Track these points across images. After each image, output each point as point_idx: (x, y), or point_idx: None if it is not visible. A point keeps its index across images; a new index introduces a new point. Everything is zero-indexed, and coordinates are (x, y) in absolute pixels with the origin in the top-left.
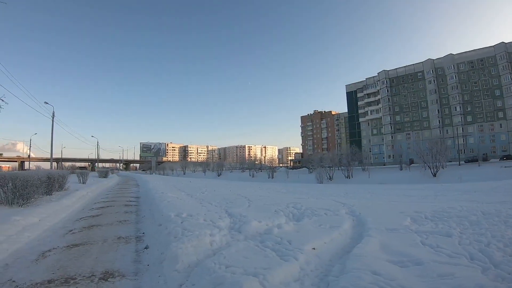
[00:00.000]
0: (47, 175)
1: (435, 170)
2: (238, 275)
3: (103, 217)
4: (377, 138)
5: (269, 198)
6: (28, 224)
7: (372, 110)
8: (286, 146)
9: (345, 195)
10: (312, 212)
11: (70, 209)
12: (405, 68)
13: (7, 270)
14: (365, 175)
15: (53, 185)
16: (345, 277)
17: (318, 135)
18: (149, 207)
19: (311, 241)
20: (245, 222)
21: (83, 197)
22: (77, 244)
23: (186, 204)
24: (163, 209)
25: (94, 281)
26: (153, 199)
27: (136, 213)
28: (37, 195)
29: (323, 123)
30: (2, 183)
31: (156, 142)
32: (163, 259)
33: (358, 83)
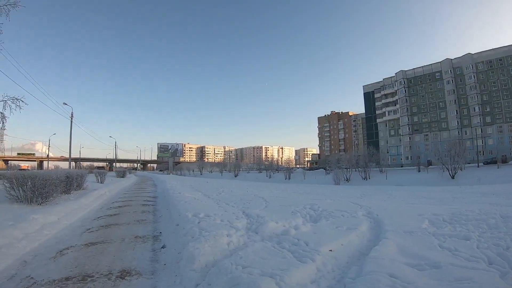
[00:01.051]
0: (66, 174)
1: (453, 172)
2: (255, 275)
3: (121, 216)
4: (395, 139)
5: (286, 199)
6: (46, 223)
7: (389, 111)
8: (303, 147)
9: (362, 196)
10: (329, 213)
11: (88, 208)
12: (423, 68)
13: (26, 267)
14: (383, 177)
15: (72, 185)
16: (362, 280)
17: (335, 136)
18: (166, 207)
19: (328, 242)
20: (262, 223)
21: (101, 196)
22: (95, 243)
23: (203, 204)
24: (181, 209)
25: (111, 279)
26: (171, 199)
27: (153, 212)
28: (55, 194)
29: (340, 124)
30: (22, 182)
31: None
32: (180, 259)
33: (375, 84)
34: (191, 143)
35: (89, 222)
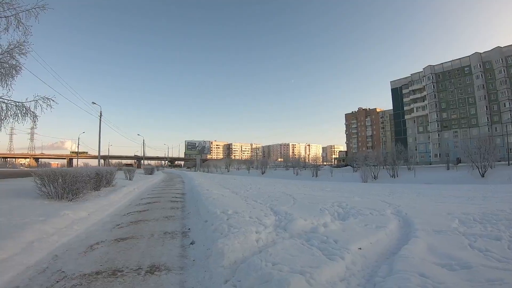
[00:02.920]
0: (96, 171)
1: (483, 170)
2: (285, 272)
3: (150, 213)
4: (423, 136)
5: (314, 196)
6: (77, 218)
7: (418, 107)
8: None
9: (391, 194)
10: (357, 211)
11: (118, 204)
12: (451, 62)
13: (57, 261)
14: (411, 175)
15: (101, 181)
16: (392, 279)
17: (362, 133)
18: (195, 203)
19: (357, 241)
20: (291, 220)
21: (130, 193)
22: (124, 238)
23: (232, 201)
24: (209, 206)
25: (141, 274)
26: (199, 195)
27: (181, 209)
28: (86, 190)
29: (368, 121)
30: (53, 179)
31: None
32: (209, 255)
33: (403, 79)
34: (218, 141)
35: (119, 218)
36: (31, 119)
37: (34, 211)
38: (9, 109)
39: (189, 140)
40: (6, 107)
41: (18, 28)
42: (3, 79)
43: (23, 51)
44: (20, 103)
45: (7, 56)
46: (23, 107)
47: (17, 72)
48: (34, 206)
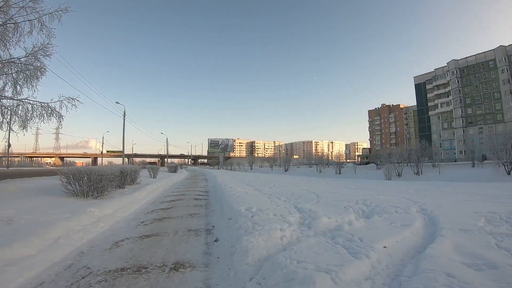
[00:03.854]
0: (120, 169)
1: (509, 167)
2: (310, 270)
3: (174, 210)
4: (448, 133)
5: (338, 194)
6: (102, 215)
7: (442, 103)
8: (353, 141)
9: (415, 192)
10: (382, 209)
11: (142, 202)
12: (475, 56)
13: (82, 257)
14: (435, 172)
15: (126, 179)
16: (418, 278)
17: (386, 130)
18: (219, 201)
19: (382, 239)
20: (315, 218)
21: (154, 190)
22: (149, 235)
23: (255, 198)
24: (233, 203)
25: (165, 271)
26: (222, 193)
27: (205, 206)
28: (110, 188)
29: (391, 117)
30: (78, 177)
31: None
32: (233, 252)
33: (426, 74)
34: (241, 138)
35: (143, 215)
36: (56, 119)
37: (60, 209)
38: (35, 109)
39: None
40: (32, 107)
41: (42, 31)
42: (28, 81)
43: (47, 53)
44: (45, 104)
45: (32, 58)
46: (49, 108)
47: (42, 73)
48: (60, 204)
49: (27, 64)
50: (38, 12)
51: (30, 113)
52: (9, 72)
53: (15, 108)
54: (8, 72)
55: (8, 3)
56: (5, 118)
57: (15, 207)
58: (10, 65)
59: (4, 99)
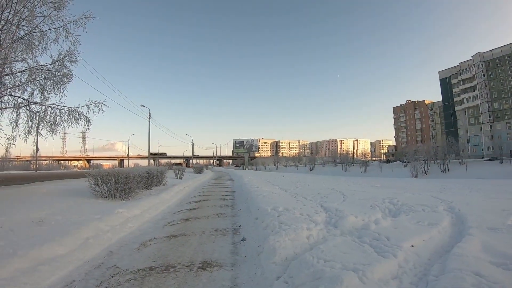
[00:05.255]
0: (147, 171)
1: None
2: (337, 269)
3: (200, 210)
4: (475, 128)
5: (364, 192)
6: (130, 216)
7: (468, 98)
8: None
9: (442, 190)
10: (409, 208)
11: (169, 203)
12: (501, 49)
13: (112, 257)
14: (462, 169)
15: (152, 181)
16: (446, 277)
17: (411, 127)
18: (245, 201)
19: (409, 238)
20: (341, 217)
21: (180, 191)
22: (176, 235)
23: (281, 198)
24: (259, 203)
25: (193, 270)
26: (249, 193)
27: (231, 206)
28: (137, 189)
29: (416, 114)
30: (106, 179)
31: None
32: (260, 252)
33: (451, 69)
34: (265, 138)
35: (170, 215)
36: (84, 123)
37: (90, 210)
38: (63, 114)
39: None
40: (60, 112)
41: (67, 38)
42: (55, 87)
43: (73, 59)
44: (73, 108)
45: (58, 65)
46: (76, 112)
47: (69, 79)
48: (89, 205)
49: (54, 70)
50: (62, 20)
51: (59, 118)
52: (36, 79)
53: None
54: (35, 79)
55: (33, 13)
56: (34, 123)
57: (45, 208)
58: (37, 72)
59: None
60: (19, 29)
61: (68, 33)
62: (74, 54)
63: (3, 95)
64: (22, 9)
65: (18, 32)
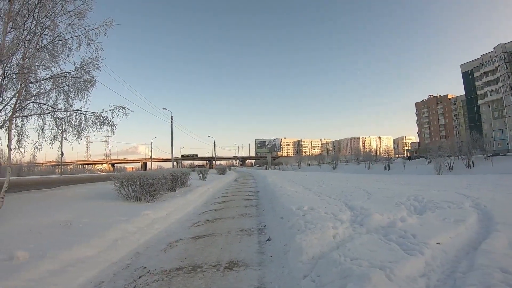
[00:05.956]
0: (171, 173)
1: None
2: (365, 267)
3: (225, 211)
4: (499, 122)
5: (388, 190)
6: (156, 218)
7: (491, 91)
8: (401, 136)
9: (468, 186)
10: (434, 205)
11: (194, 204)
12: None
13: (139, 258)
14: (488, 164)
15: (177, 182)
16: (473, 274)
17: (434, 122)
18: (269, 201)
19: (435, 235)
20: (367, 215)
21: (204, 192)
22: (202, 236)
23: (306, 197)
24: (284, 203)
25: (220, 270)
26: (273, 193)
27: (256, 207)
28: (162, 191)
29: (439, 109)
30: (131, 182)
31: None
32: (286, 251)
33: (473, 62)
34: (287, 138)
35: (196, 216)
36: (109, 127)
37: (116, 212)
38: (88, 119)
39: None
40: (85, 117)
41: (89, 45)
42: (79, 93)
43: (96, 66)
44: (97, 113)
45: (82, 72)
46: (100, 117)
47: (92, 85)
48: (115, 207)
49: (78, 77)
50: (84, 28)
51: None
52: (60, 86)
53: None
54: (59, 86)
55: (55, 22)
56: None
57: (72, 211)
58: (61, 79)
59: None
60: (42, 38)
61: (90, 40)
62: (97, 61)
63: (28, 103)
64: (44, 18)
65: (41, 41)
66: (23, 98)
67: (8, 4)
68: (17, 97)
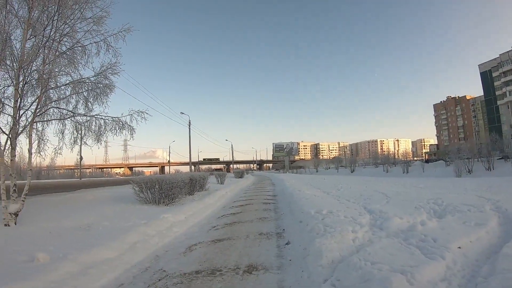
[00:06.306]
0: (190, 177)
1: None
2: (385, 271)
3: (243, 215)
4: None
5: (407, 193)
6: (175, 221)
7: (510, 91)
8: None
9: (488, 189)
10: (454, 208)
11: (212, 208)
12: None
13: (158, 261)
14: (508, 166)
15: (195, 186)
16: (495, 279)
17: (453, 124)
18: (287, 204)
19: (456, 239)
20: (386, 219)
21: (222, 196)
22: (221, 239)
23: (324, 201)
24: (303, 206)
25: (239, 274)
26: (291, 196)
27: (274, 210)
28: (180, 195)
29: (458, 110)
30: (150, 186)
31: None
32: (306, 255)
33: (492, 61)
34: (305, 141)
35: (214, 220)
36: (128, 132)
37: (135, 215)
38: (107, 124)
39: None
40: (104, 122)
41: (108, 51)
42: (98, 98)
43: (115, 71)
44: (116, 118)
45: (101, 77)
46: (120, 121)
47: (111, 90)
48: (134, 211)
49: (97, 82)
50: (103, 34)
51: (103, 128)
52: (80, 91)
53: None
54: (79, 91)
55: (74, 28)
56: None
57: (92, 215)
58: (81, 85)
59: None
60: (61, 44)
61: (108, 46)
62: (116, 66)
63: (48, 108)
64: (63, 25)
65: (60, 48)
66: (43, 104)
67: (27, 12)
68: (37, 102)
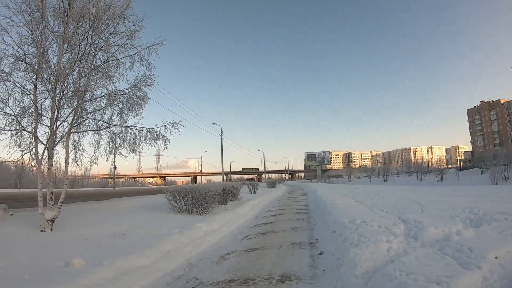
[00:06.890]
0: (223, 187)
1: None
2: (421, 282)
3: (276, 224)
4: None
5: (441, 202)
6: (208, 230)
7: None
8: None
9: None
10: (490, 217)
11: (245, 217)
12: None
13: (192, 269)
14: None
15: (228, 196)
16: None
17: (488, 129)
18: (320, 214)
19: (493, 249)
20: (421, 229)
21: (255, 206)
22: (254, 249)
23: (357, 210)
24: (336, 216)
25: (272, 283)
26: (324, 206)
27: (307, 220)
28: (213, 204)
29: (492, 115)
30: (184, 195)
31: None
32: (339, 265)
33: None
34: (337, 150)
35: (247, 229)
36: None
37: (170, 224)
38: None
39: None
40: (139, 133)
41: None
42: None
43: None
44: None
45: (135, 89)
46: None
47: (145, 102)
48: (168, 220)
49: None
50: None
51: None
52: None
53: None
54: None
55: (108, 43)
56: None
57: (126, 222)
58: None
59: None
60: (96, 58)
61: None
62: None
63: (84, 119)
64: (97, 40)
65: (95, 61)
66: (79, 115)
67: (63, 27)
68: (74, 114)
